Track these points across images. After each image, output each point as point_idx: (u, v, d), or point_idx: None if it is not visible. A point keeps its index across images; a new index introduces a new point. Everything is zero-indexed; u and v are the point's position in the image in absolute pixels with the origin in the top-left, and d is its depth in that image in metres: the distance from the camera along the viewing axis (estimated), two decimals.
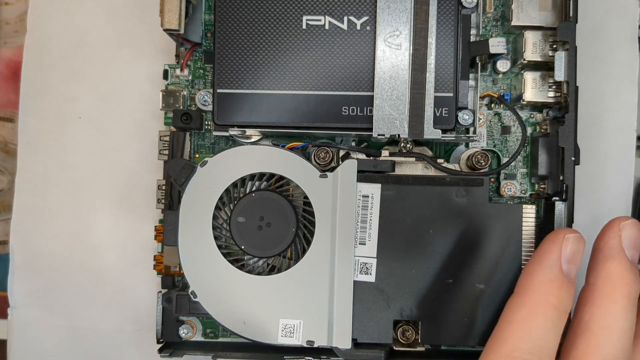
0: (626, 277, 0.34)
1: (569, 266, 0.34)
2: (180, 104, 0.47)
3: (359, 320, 0.42)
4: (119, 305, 0.52)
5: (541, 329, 0.33)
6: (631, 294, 0.33)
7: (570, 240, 0.35)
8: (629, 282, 0.33)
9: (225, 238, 0.43)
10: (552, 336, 0.33)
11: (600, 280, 0.34)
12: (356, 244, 0.42)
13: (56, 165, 0.52)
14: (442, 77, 0.43)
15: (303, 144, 0.44)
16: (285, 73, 0.43)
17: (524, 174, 0.47)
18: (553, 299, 0.33)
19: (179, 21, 0.44)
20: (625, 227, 0.35)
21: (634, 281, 0.34)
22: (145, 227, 0.51)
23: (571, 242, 0.35)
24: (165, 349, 0.46)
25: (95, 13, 0.52)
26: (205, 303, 0.42)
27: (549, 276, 0.34)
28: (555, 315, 0.33)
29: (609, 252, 0.35)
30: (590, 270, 0.35)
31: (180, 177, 0.43)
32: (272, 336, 0.42)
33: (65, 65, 0.52)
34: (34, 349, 0.52)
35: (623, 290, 0.33)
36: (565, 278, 0.34)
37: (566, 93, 0.42)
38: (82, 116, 0.52)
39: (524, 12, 0.44)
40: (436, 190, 0.42)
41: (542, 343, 0.32)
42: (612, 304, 0.33)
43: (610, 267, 0.34)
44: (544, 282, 0.34)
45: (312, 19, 0.43)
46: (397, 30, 0.42)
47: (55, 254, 0.52)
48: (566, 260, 0.34)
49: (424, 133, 0.42)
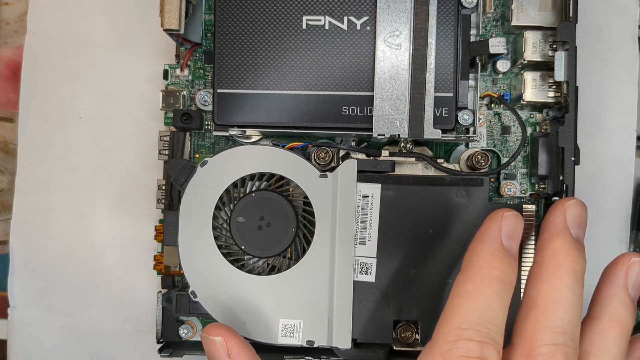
0: (570, 253, 0.35)
1: (509, 242, 0.36)
2: (180, 104, 0.47)
3: (359, 320, 0.42)
4: (119, 305, 0.52)
5: (487, 300, 0.34)
6: (576, 269, 0.34)
7: (508, 217, 0.36)
8: (573, 258, 0.35)
9: (225, 238, 0.43)
10: (499, 307, 0.34)
11: (545, 257, 0.35)
12: (356, 244, 0.42)
13: (56, 165, 0.52)
14: (442, 77, 0.43)
15: (303, 144, 0.44)
16: (285, 73, 0.43)
17: (524, 174, 0.47)
18: (496, 271, 0.35)
19: (179, 21, 0.44)
20: (570, 207, 0.36)
21: (578, 257, 0.35)
22: (145, 227, 0.51)
23: (509, 219, 0.36)
24: (165, 349, 0.46)
25: (95, 13, 0.52)
26: (205, 303, 0.42)
27: (490, 251, 0.35)
28: (500, 287, 0.34)
29: (554, 230, 0.36)
30: (538, 249, 0.36)
31: (180, 177, 0.43)
32: (272, 336, 0.42)
33: (65, 65, 0.52)
34: (34, 349, 0.52)
35: (568, 265, 0.34)
36: (507, 253, 0.36)
37: (566, 93, 0.42)
38: (82, 116, 0.52)
39: (524, 12, 0.44)
40: (436, 190, 0.42)
41: (489, 314, 0.33)
42: (557, 279, 0.34)
43: (554, 244, 0.35)
44: (486, 257, 0.35)
45: (312, 19, 0.43)
46: (397, 30, 0.42)
47: (55, 254, 0.52)
48: (506, 236, 0.36)
49: (424, 133, 0.42)
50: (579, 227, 0.36)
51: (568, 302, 0.34)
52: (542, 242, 0.36)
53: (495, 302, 0.34)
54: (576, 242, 0.36)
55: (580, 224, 0.36)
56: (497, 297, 0.34)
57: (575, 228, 0.36)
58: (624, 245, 0.50)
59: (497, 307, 0.34)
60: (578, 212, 0.36)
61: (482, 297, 0.34)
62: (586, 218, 0.37)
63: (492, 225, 0.37)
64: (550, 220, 0.36)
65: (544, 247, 0.36)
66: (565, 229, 0.36)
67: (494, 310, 0.34)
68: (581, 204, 0.37)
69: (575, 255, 0.35)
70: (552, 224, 0.36)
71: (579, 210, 0.36)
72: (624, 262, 0.36)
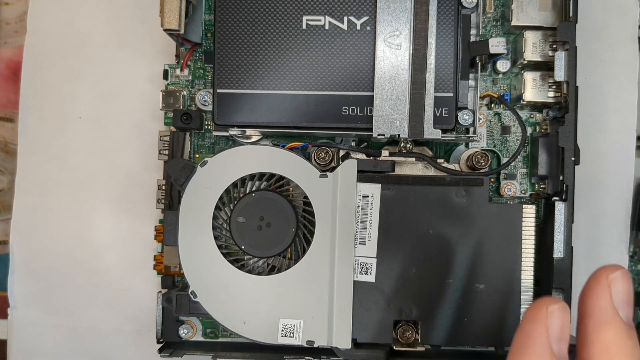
0: (625, 345, 0.27)
1: (559, 345, 0.28)
2: (180, 104, 0.47)
3: (359, 320, 0.42)
4: (119, 305, 0.52)
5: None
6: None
7: (555, 313, 0.28)
8: (630, 352, 0.27)
9: (225, 238, 0.43)
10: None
11: (596, 355, 0.28)
12: (356, 244, 0.42)
13: (56, 165, 0.52)
14: (442, 77, 0.43)
15: (303, 144, 0.44)
16: (285, 73, 0.43)
17: (524, 174, 0.47)
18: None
19: (179, 21, 0.44)
20: (615, 281, 0.28)
21: (634, 347, 0.28)
22: (145, 227, 0.51)
23: (556, 316, 0.28)
24: (165, 349, 0.46)
25: (95, 13, 0.52)
26: (205, 303, 0.42)
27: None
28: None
29: (601, 317, 0.28)
30: (582, 342, 0.28)
31: (180, 177, 0.43)
32: (272, 336, 0.42)
33: (65, 65, 0.52)
34: (34, 349, 0.52)
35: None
36: None
37: (566, 93, 0.42)
38: (82, 116, 0.52)
39: (524, 12, 0.44)
40: (436, 190, 0.42)
41: None
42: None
43: (605, 337, 0.27)
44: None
45: (312, 19, 0.43)
46: (397, 30, 0.42)
47: (55, 254, 0.52)
48: (556, 340, 0.27)
49: (424, 133, 0.42)
50: (628, 306, 0.28)
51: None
52: (587, 333, 0.28)
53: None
54: (629, 328, 0.28)
55: (629, 301, 0.28)
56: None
57: (624, 308, 0.28)
58: (624, 245, 0.50)
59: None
60: (626, 286, 0.28)
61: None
62: (632, 290, 0.29)
63: (536, 328, 0.27)
64: (593, 300, 0.28)
65: (592, 340, 0.28)
66: (615, 314, 0.28)
67: None
68: (626, 274, 0.28)
69: (630, 347, 0.27)
70: (596, 307, 0.28)
71: (626, 284, 0.28)
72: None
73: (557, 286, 0.42)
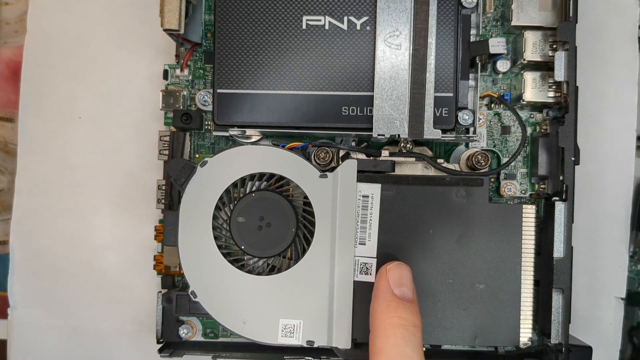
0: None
1: (400, 289, 0.38)
2: (180, 104, 0.47)
3: (359, 320, 0.42)
4: (119, 305, 0.52)
5: (397, 347, 0.35)
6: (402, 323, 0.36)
7: (392, 269, 0.38)
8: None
9: (225, 238, 0.43)
10: (410, 350, 0.35)
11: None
12: (356, 244, 0.42)
13: (56, 165, 0.52)
14: (442, 77, 0.43)
15: (303, 144, 0.44)
16: (285, 73, 0.43)
17: (524, 174, 0.47)
18: (395, 319, 0.36)
19: (179, 21, 0.44)
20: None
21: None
22: (145, 227, 0.51)
23: (392, 270, 0.38)
24: (165, 349, 0.46)
25: (95, 13, 0.52)
26: (205, 303, 0.42)
27: (384, 303, 0.37)
28: (404, 332, 0.36)
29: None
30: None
31: (180, 177, 0.43)
32: (272, 336, 0.42)
33: (65, 65, 0.52)
34: (34, 349, 0.52)
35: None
36: (401, 300, 0.37)
37: (566, 93, 0.42)
38: (82, 116, 0.52)
39: (524, 12, 0.44)
40: (436, 190, 0.42)
41: (404, 358, 0.35)
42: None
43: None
44: (383, 310, 0.37)
45: (312, 19, 0.43)
46: (397, 30, 0.42)
47: (55, 254, 0.52)
48: (395, 285, 0.38)
49: (424, 133, 0.42)
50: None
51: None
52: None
53: (405, 346, 0.35)
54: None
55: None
56: (404, 342, 0.35)
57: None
58: (624, 245, 0.50)
59: (408, 351, 0.35)
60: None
61: (391, 347, 0.35)
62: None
63: (380, 281, 0.38)
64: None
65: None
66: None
67: (406, 355, 0.35)
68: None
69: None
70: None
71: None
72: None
73: (557, 286, 0.42)
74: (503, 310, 0.42)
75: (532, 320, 0.42)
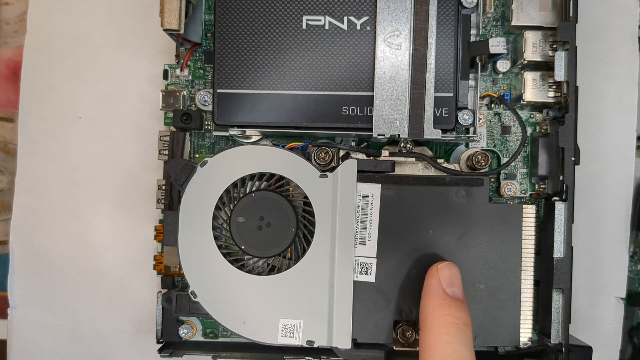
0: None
1: (451, 289, 0.39)
2: (180, 104, 0.47)
3: (359, 320, 0.42)
4: (119, 305, 0.52)
5: (450, 345, 0.36)
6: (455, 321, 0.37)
7: (443, 268, 0.39)
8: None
9: (225, 238, 0.43)
10: (462, 347, 0.36)
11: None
12: (356, 244, 0.42)
13: (56, 165, 0.52)
14: (442, 77, 0.43)
15: (303, 144, 0.44)
16: (285, 73, 0.43)
17: (524, 174, 0.47)
18: (448, 317, 0.37)
19: (179, 21, 0.44)
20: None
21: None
22: (145, 227, 0.51)
23: (444, 270, 0.39)
24: (165, 349, 0.46)
25: (95, 13, 0.52)
26: (205, 303, 0.42)
27: (437, 302, 0.38)
28: (457, 330, 0.37)
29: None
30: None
31: (180, 177, 0.43)
32: (272, 336, 0.42)
33: (65, 65, 0.52)
34: (34, 349, 0.52)
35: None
36: (452, 298, 0.38)
37: (566, 93, 0.42)
38: (82, 116, 0.52)
39: (524, 12, 0.44)
40: (436, 190, 0.42)
41: (457, 356, 0.36)
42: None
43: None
44: (436, 308, 0.38)
45: (312, 19, 0.43)
46: (397, 30, 0.42)
47: (55, 254, 0.52)
48: (447, 285, 0.39)
49: (424, 133, 0.42)
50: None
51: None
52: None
53: (458, 344, 0.36)
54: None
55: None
56: (457, 340, 0.36)
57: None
58: (624, 245, 0.50)
59: (461, 348, 0.36)
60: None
61: (444, 344, 0.36)
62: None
63: (431, 280, 0.39)
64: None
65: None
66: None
67: (459, 352, 0.36)
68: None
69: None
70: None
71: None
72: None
73: (557, 286, 0.42)
74: (503, 310, 0.42)
75: (532, 320, 0.42)
